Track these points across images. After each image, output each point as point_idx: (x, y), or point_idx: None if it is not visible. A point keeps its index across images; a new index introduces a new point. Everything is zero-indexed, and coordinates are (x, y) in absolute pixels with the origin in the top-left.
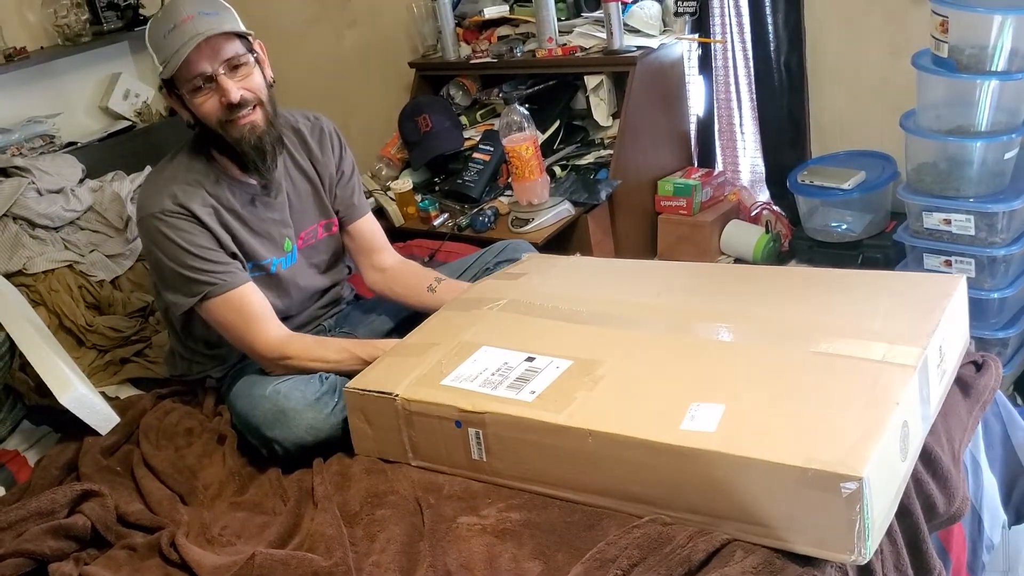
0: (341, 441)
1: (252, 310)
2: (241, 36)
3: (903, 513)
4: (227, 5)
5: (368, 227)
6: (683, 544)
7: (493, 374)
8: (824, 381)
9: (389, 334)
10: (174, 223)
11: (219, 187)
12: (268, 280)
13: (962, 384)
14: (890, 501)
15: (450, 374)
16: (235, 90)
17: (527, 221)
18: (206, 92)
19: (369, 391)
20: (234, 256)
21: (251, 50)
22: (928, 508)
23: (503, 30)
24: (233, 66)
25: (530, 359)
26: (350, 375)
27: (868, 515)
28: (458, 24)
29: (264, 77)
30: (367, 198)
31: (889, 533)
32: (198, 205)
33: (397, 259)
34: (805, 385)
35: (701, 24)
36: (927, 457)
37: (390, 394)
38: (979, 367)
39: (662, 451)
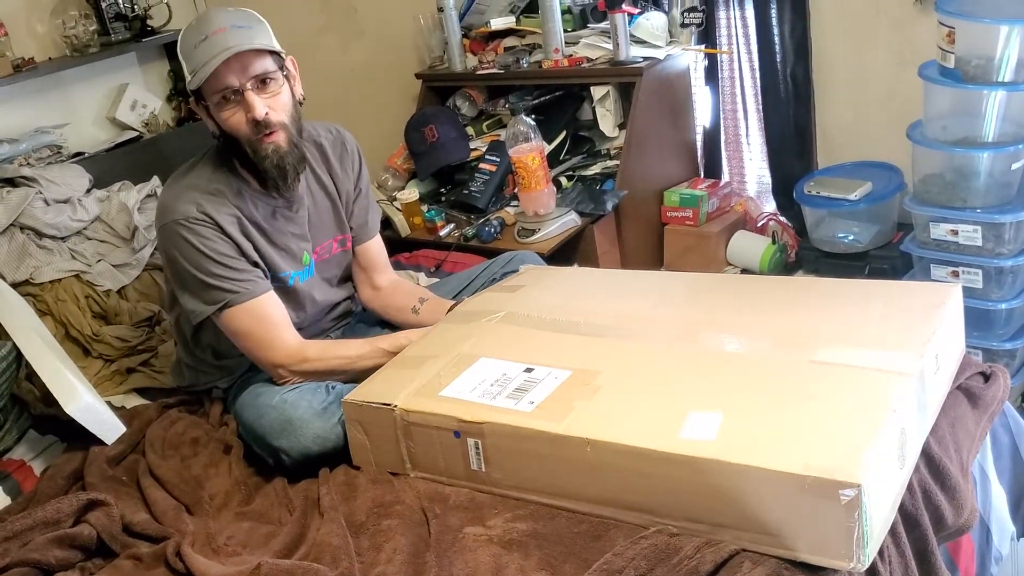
0: (347, 451)
1: (272, 318)
2: (273, 52)
3: (911, 524)
4: (261, 19)
5: (375, 248)
6: (690, 555)
7: (492, 385)
8: (822, 389)
9: None
10: (198, 230)
11: (241, 199)
12: (285, 293)
13: (970, 395)
14: (888, 508)
15: (448, 385)
16: (261, 106)
17: (533, 231)
18: (232, 106)
19: (367, 403)
20: (255, 265)
21: (282, 67)
22: (936, 519)
23: (509, 41)
24: (262, 81)
25: (528, 370)
26: (369, 373)
27: (867, 522)
28: (464, 35)
29: (293, 95)
30: None
31: (897, 544)
32: (222, 215)
33: (393, 278)
34: (803, 393)
35: (707, 35)
36: (935, 468)
37: (388, 405)
38: (987, 378)
39: (661, 460)
